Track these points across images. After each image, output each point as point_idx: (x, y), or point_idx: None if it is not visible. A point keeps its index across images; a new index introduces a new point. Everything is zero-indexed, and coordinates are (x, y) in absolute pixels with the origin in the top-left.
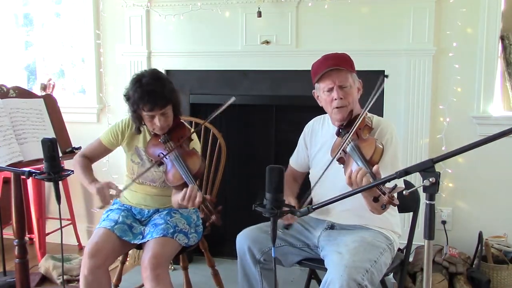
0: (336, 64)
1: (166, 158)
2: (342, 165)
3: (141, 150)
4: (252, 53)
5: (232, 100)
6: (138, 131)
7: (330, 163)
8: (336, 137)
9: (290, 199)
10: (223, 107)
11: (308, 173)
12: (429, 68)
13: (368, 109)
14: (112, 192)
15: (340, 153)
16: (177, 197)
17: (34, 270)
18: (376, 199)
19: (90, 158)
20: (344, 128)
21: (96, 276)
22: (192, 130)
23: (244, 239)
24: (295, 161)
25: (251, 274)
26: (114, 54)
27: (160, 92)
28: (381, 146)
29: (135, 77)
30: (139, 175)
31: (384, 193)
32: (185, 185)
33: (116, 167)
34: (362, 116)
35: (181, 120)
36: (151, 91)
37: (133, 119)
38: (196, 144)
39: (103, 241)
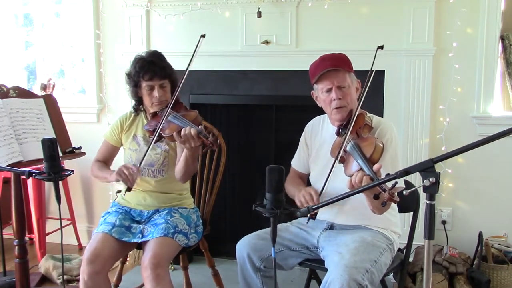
0: (333, 64)
1: (164, 123)
2: (342, 164)
3: (139, 136)
4: (252, 53)
5: (201, 39)
6: (136, 111)
7: (333, 164)
8: (336, 136)
9: (310, 190)
10: (196, 50)
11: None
12: (429, 68)
13: (363, 99)
14: (131, 171)
15: (341, 153)
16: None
17: (34, 270)
18: (376, 197)
19: (104, 161)
20: (343, 127)
21: (95, 281)
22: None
23: (243, 247)
24: (297, 162)
25: (253, 282)
26: (114, 54)
27: (159, 64)
28: (381, 145)
29: (136, 56)
30: (148, 146)
31: (384, 190)
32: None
33: (117, 167)
34: (358, 108)
35: (179, 100)
36: (152, 61)
37: (133, 96)
38: None
39: (102, 246)
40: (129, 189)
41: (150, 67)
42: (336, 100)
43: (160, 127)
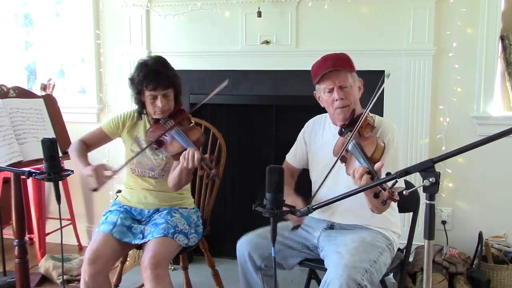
0: (335, 64)
1: (166, 136)
2: (343, 164)
3: (141, 139)
4: (252, 53)
5: (225, 83)
6: (139, 116)
7: (335, 163)
8: (339, 136)
9: (297, 202)
10: (216, 90)
11: (304, 170)
12: (429, 68)
13: (370, 108)
14: (107, 173)
15: (343, 152)
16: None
17: (34, 270)
18: (376, 195)
19: (88, 145)
20: (346, 127)
21: (96, 281)
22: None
23: (244, 246)
24: (293, 157)
25: (253, 281)
26: (114, 54)
27: (164, 73)
28: (383, 144)
29: (140, 61)
30: (138, 153)
31: (384, 189)
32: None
33: (116, 163)
34: (365, 116)
35: (182, 108)
36: (156, 70)
37: (136, 102)
38: None
39: (103, 246)
40: (95, 189)
41: (154, 77)
42: (338, 100)
43: (160, 138)
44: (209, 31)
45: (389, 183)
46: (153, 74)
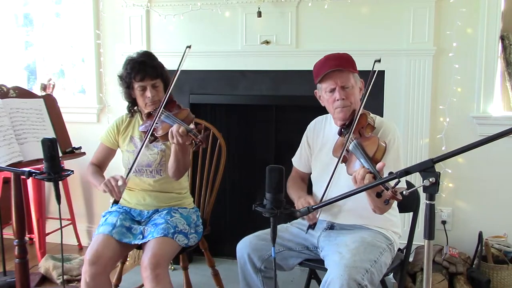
0: (338, 64)
1: (157, 123)
2: (344, 164)
3: (136, 138)
4: (252, 53)
5: (187, 51)
6: (130, 113)
7: (337, 164)
8: (338, 136)
9: (309, 200)
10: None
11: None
12: (429, 68)
13: (364, 101)
14: (119, 182)
15: (343, 152)
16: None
17: (34, 270)
18: (379, 195)
19: (99, 164)
20: (346, 127)
21: (97, 282)
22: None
23: (244, 248)
24: (298, 162)
25: (253, 282)
26: (114, 54)
27: (150, 64)
28: (384, 144)
29: (128, 57)
30: (140, 150)
31: (387, 189)
32: None
33: (116, 169)
34: (360, 109)
35: (173, 99)
36: (142, 62)
37: (126, 97)
38: None
39: (103, 247)
40: (116, 202)
41: (141, 68)
42: (339, 100)
43: (153, 127)
44: (209, 31)
45: (392, 183)
46: (140, 65)
